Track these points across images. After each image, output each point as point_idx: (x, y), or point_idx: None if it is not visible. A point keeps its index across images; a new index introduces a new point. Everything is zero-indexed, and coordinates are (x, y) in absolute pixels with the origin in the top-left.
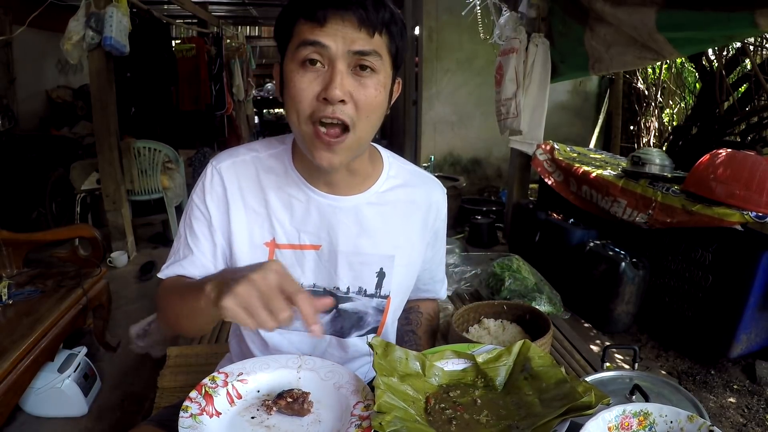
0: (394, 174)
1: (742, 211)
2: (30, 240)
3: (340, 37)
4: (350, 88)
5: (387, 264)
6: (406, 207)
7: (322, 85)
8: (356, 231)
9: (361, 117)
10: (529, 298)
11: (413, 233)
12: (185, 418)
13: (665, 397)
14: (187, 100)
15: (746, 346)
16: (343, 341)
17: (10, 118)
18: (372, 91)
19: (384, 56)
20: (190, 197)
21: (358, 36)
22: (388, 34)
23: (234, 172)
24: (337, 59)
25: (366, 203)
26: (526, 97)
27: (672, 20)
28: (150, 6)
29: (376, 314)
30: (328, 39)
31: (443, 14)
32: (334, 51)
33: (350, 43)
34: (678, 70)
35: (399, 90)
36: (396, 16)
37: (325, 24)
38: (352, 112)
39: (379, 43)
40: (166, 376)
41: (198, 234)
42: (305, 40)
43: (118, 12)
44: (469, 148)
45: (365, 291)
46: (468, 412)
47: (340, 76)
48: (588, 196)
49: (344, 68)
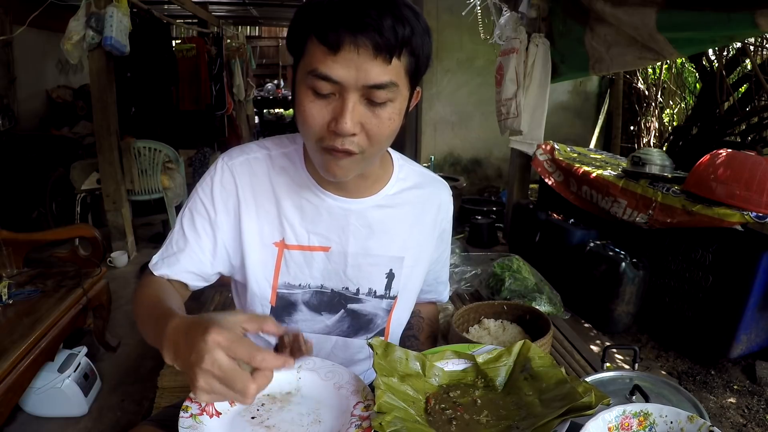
0: (404, 176)
1: (743, 211)
2: (30, 240)
3: (354, 68)
4: (362, 119)
5: (396, 265)
6: (415, 209)
7: (332, 115)
8: (366, 233)
9: (372, 144)
10: (530, 299)
11: (422, 234)
12: (185, 418)
13: (665, 398)
14: (187, 100)
15: (746, 346)
16: (348, 342)
17: (10, 117)
18: (386, 121)
19: (401, 81)
20: (194, 191)
21: (373, 65)
22: (409, 52)
23: (247, 170)
24: (348, 91)
25: (376, 206)
26: (526, 97)
27: (672, 20)
28: (150, 6)
29: (385, 316)
30: (340, 71)
31: (443, 14)
32: (346, 84)
33: (364, 75)
34: (678, 71)
35: (418, 98)
36: (417, 29)
37: (338, 52)
38: (364, 142)
39: (397, 69)
40: (166, 376)
41: (199, 228)
42: (317, 72)
43: (118, 12)
44: (469, 148)
45: (375, 292)
46: (468, 413)
47: (351, 108)
48: (588, 196)
49: (356, 99)
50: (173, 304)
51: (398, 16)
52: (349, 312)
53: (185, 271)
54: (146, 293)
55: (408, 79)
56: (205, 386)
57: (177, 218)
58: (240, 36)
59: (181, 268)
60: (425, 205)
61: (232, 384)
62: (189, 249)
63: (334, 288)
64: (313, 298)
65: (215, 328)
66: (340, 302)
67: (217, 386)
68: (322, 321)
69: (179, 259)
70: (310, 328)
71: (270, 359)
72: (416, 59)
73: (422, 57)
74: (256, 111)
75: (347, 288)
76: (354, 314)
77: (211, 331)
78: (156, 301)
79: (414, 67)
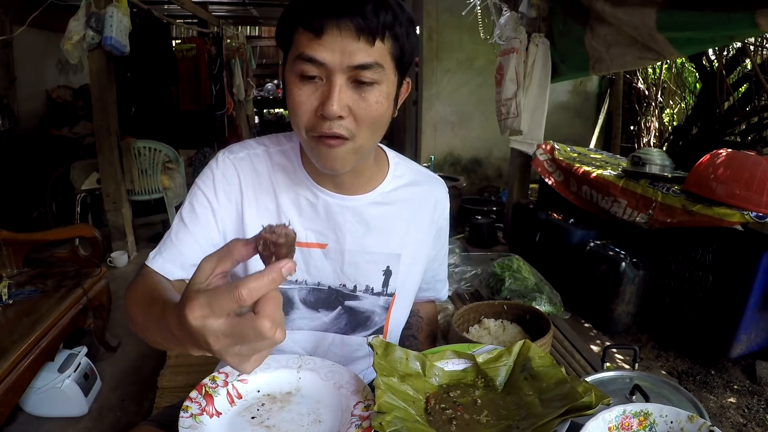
0: (400, 174)
1: (743, 211)
2: (30, 240)
3: (338, 50)
4: (349, 102)
5: (393, 262)
6: (411, 206)
7: (320, 100)
8: (363, 230)
9: (361, 129)
10: (530, 298)
11: (419, 232)
12: (185, 418)
13: (665, 398)
14: (187, 100)
15: (746, 346)
16: (346, 339)
17: (10, 117)
18: (373, 104)
19: (387, 64)
20: (194, 184)
21: (356, 47)
22: (392, 37)
23: (249, 165)
24: (335, 74)
25: (372, 203)
26: (526, 97)
27: (672, 20)
28: (150, 6)
29: (382, 313)
30: (325, 53)
31: (443, 14)
32: (331, 66)
33: (349, 56)
34: (678, 70)
35: (408, 91)
36: (400, 17)
37: (322, 35)
38: (352, 126)
39: (381, 52)
40: (166, 376)
41: (201, 218)
42: (302, 55)
43: (118, 12)
44: (469, 148)
45: (372, 289)
46: (468, 412)
47: (338, 90)
48: (588, 196)
49: (343, 81)
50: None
51: (380, 2)
52: (346, 309)
53: (188, 264)
54: (141, 295)
55: (394, 64)
56: (236, 360)
57: (178, 212)
58: (240, 36)
59: (183, 261)
60: (421, 202)
61: (247, 338)
62: (191, 239)
63: (331, 285)
64: (310, 295)
65: (188, 306)
66: (338, 299)
67: (244, 349)
68: (320, 318)
69: (181, 251)
70: (308, 326)
71: (256, 285)
72: (400, 48)
73: (406, 45)
74: (256, 111)
75: (344, 285)
76: (351, 311)
77: (186, 313)
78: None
79: (399, 53)
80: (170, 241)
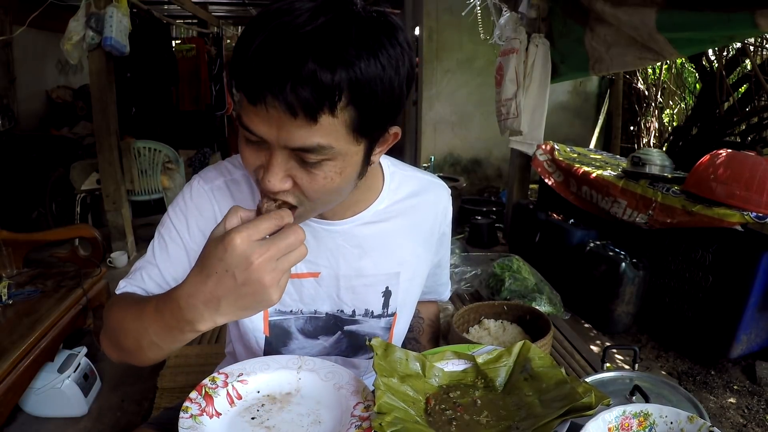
0: (396, 187)
1: (743, 211)
2: (30, 240)
3: (275, 126)
4: (293, 173)
5: (392, 282)
6: (410, 219)
7: (263, 163)
8: (357, 253)
9: (311, 200)
10: (530, 299)
11: (418, 245)
12: (185, 419)
13: (665, 398)
14: (187, 100)
15: (746, 346)
16: (348, 361)
17: (10, 118)
18: (321, 181)
19: (340, 140)
20: (167, 213)
21: (293, 125)
22: (350, 104)
23: (227, 194)
24: (274, 149)
25: (365, 223)
26: (526, 97)
27: (672, 21)
28: (150, 6)
29: (384, 334)
30: (261, 128)
31: (443, 14)
32: (269, 140)
33: (286, 136)
34: (678, 71)
35: (396, 139)
36: (367, 69)
37: (257, 105)
38: (300, 195)
39: (329, 128)
40: (166, 377)
41: (172, 254)
42: (241, 121)
43: (118, 12)
44: (469, 148)
45: (372, 313)
46: (468, 413)
47: (277, 165)
48: (588, 196)
49: (284, 155)
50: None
51: (329, 60)
52: (346, 333)
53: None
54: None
55: (353, 135)
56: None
57: (150, 244)
58: None
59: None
60: (422, 213)
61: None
62: (159, 277)
63: (329, 311)
64: (307, 324)
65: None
66: (336, 324)
67: (280, 264)
68: (320, 344)
69: (146, 290)
70: (308, 353)
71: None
72: (366, 109)
73: (377, 102)
74: None
75: (342, 311)
76: (351, 335)
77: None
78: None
79: (362, 119)
80: (139, 277)
